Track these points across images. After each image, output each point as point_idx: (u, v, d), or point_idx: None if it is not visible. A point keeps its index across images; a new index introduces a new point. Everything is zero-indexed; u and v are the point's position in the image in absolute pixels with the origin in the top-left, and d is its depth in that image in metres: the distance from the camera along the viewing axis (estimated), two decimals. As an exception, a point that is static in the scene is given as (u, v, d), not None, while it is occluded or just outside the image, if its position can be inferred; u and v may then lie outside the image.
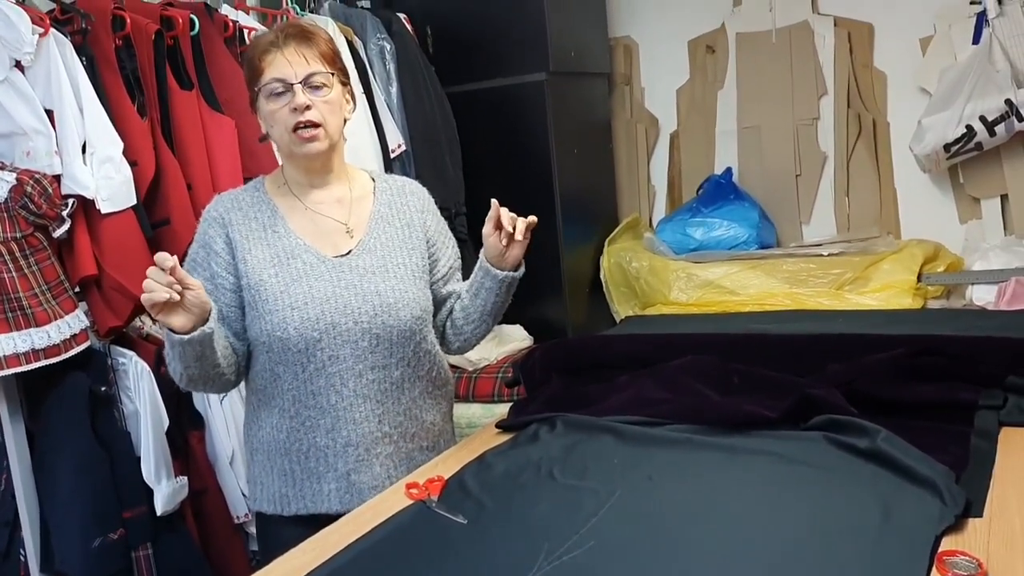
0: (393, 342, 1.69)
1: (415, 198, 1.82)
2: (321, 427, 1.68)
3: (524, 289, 3.25)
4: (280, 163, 1.76)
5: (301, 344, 1.63)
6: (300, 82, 1.62)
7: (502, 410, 2.25)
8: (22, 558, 2.25)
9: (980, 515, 1.25)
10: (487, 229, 1.72)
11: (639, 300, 3.26)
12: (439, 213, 1.86)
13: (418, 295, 1.74)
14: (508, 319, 3.23)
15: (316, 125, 1.63)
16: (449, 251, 1.86)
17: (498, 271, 1.76)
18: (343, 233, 1.72)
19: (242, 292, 1.68)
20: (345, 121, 1.72)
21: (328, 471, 1.69)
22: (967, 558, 1.11)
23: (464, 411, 2.92)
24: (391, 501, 1.55)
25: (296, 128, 1.62)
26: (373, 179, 1.82)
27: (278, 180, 1.76)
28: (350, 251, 1.71)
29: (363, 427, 1.69)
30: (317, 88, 1.63)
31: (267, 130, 1.68)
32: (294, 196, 1.73)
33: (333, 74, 1.66)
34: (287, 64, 1.62)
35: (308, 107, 1.61)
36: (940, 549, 1.16)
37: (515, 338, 3.16)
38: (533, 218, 1.72)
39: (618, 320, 3.21)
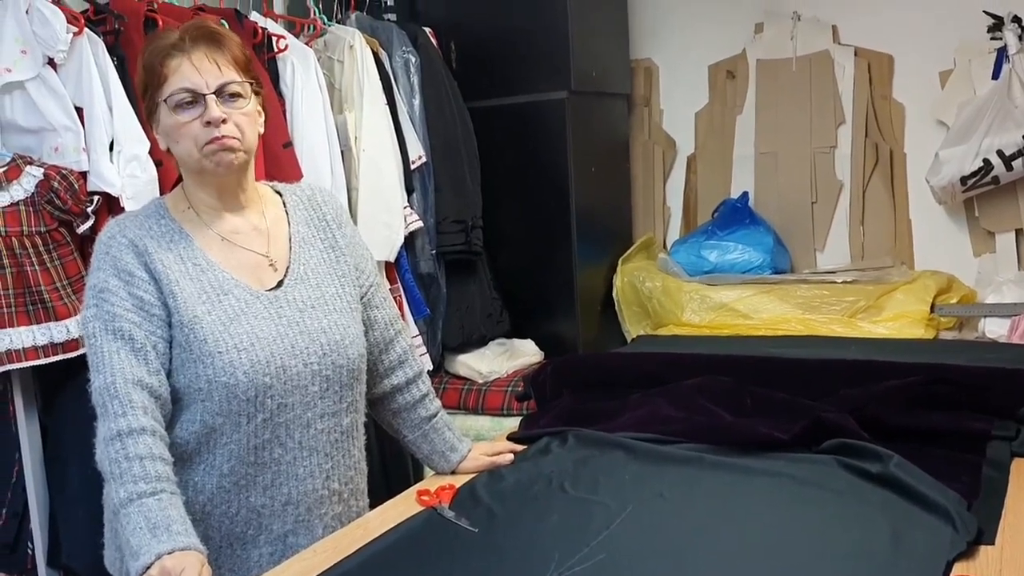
0: (343, 384, 1.53)
1: (329, 208, 1.65)
2: (258, 484, 1.47)
3: (536, 305, 3.34)
4: (182, 184, 1.55)
5: (251, 391, 1.43)
6: (213, 92, 1.43)
7: (511, 423, 2.26)
8: (29, 551, 2.26)
9: (992, 542, 1.26)
10: (504, 460, 1.74)
11: (651, 320, 3.26)
12: (351, 221, 1.71)
13: (359, 331, 1.58)
14: (520, 334, 3.26)
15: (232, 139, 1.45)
16: (369, 264, 1.68)
17: (453, 464, 1.74)
18: (266, 267, 1.54)
19: (172, 330, 1.45)
20: (259, 136, 1.54)
21: (260, 534, 1.49)
22: (979, 584, 1.12)
23: (473, 423, 2.93)
24: (402, 507, 1.56)
25: (209, 143, 1.44)
26: (279, 193, 1.64)
27: (181, 204, 1.53)
28: (280, 283, 1.53)
29: (307, 484, 1.51)
30: (232, 99, 1.45)
31: (168, 146, 1.49)
32: (204, 224, 1.52)
33: (250, 84, 1.49)
34: (195, 71, 1.43)
35: (224, 120, 1.43)
36: (952, 574, 1.16)
37: (526, 352, 3.17)
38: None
39: (629, 339, 3.21)
